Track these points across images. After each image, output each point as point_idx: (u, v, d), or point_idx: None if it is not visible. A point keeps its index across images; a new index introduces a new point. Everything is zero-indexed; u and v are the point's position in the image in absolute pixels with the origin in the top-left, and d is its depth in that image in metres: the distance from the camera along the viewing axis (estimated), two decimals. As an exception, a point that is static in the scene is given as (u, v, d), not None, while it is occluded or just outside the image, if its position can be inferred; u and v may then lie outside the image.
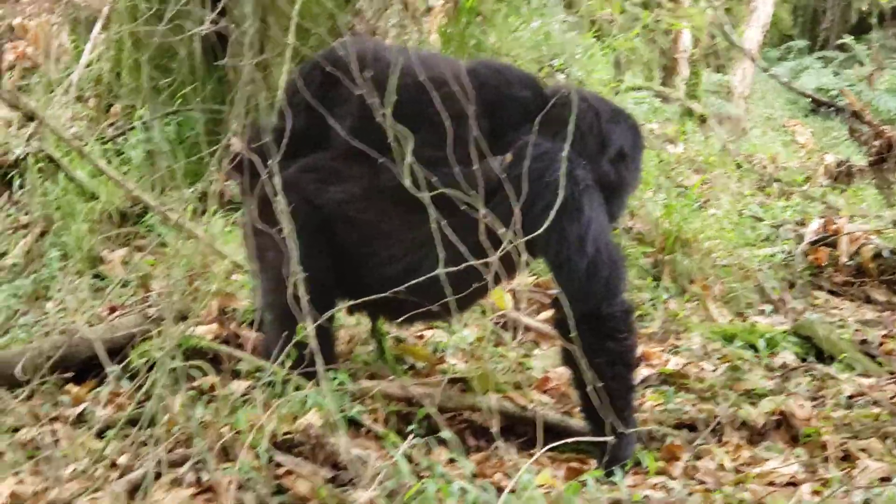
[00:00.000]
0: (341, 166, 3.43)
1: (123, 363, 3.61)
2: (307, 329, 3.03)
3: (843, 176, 8.51)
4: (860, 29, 16.85)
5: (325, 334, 3.54)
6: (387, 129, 3.04)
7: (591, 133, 3.46)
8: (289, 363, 3.12)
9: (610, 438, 3.11)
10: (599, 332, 3.30)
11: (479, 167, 3.08)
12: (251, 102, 4.37)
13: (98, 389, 3.57)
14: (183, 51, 5.12)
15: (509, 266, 3.22)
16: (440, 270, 2.93)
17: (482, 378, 3.58)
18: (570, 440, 3.06)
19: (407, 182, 3.08)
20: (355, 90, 3.13)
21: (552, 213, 3.06)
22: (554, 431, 3.47)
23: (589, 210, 3.31)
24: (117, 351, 3.73)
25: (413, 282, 3.08)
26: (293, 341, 3.07)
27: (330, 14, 5.83)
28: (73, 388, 3.63)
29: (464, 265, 2.99)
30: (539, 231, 3.05)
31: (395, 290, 3.11)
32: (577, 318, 3.24)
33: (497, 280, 3.41)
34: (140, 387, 3.26)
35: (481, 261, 2.98)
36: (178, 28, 4.61)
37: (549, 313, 4.66)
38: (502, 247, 3.01)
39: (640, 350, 4.39)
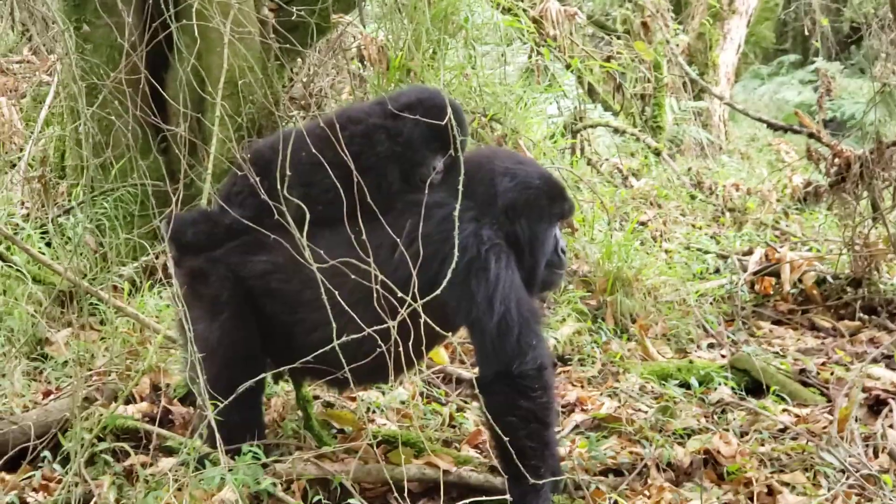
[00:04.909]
0: (265, 237, 3.48)
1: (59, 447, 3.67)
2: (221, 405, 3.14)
3: (811, 196, 8.56)
4: (856, 39, 16.90)
5: (253, 405, 3.63)
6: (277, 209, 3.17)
7: (482, 184, 3.47)
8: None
9: (507, 497, 3.15)
10: (513, 391, 3.32)
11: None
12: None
13: (32, 474, 3.63)
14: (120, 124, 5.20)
15: (443, 324, 3.29)
16: (339, 340, 3.04)
17: (397, 454, 3.61)
18: (474, 500, 3.10)
19: (307, 254, 3.19)
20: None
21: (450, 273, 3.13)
22: (479, 491, 3.52)
23: (496, 268, 3.33)
24: (51, 435, 3.79)
25: (328, 346, 3.12)
26: (210, 416, 3.14)
27: (266, 80, 5.94)
28: (6, 476, 3.68)
29: (364, 332, 3.08)
30: (436, 293, 3.11)
31: (315, 354, 3.18)
32: (492, 377, 3.33)
33: (431, 344, 3.51)
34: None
35: (383, 325, 3.08)
36: (116, 102, 4.74)
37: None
38: (404, 309, 3.12)
39: (575, 395, 4.47)
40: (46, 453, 3.64)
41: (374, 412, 4.16)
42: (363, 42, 5.69)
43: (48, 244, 5.17)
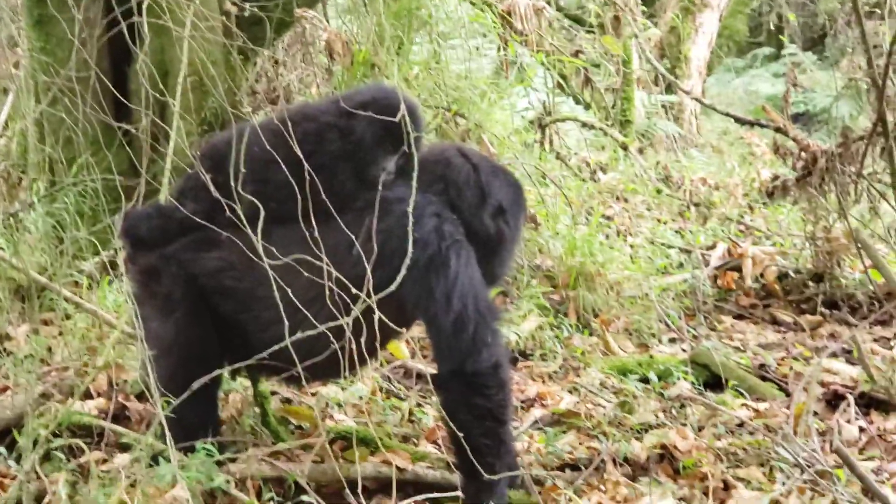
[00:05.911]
0: (218, 234, 3.46)
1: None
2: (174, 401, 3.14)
3: (778, 190, 8.59)
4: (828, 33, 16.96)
5: (208, 402, 3.62)
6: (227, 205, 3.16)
7: (469, 186, 3.50)
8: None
9: (458, 493, 3.15)
10: (468, 388, 3.31)
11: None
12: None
13: (-14, 472, 3.62)
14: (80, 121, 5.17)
15: (402, 320, 3.31)
16: (293, 337, 3.04)
17: (353, 451, 3.61)
18: (430, 496, 3.11)
19: (261, 252, 3.19)
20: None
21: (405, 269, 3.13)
22: (435, 487, 3.53)
23: (456, 265, 3.32)
24: (7, 432, 3.78)
25: (283, 342, 3.12)
26: (161, 414, 3.14)
27: (230, 74, 5.90)
28: (-40, 473, 3.67)
29: (317, 329, 3.08)
30: (391, 288, 3.11)
31: (270, 351, 3.17)
32: (447, 374, 3.33)
33: (387, 338, 3.51)
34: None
35: (334, 323, 3.08)
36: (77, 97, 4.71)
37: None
38: (358, 305, 3.12)
39: (535, 390, 4.48)
40: (1, 449, 3.63)
41: (331, 408, 4.15)
42: (329, 37, 5.68)
43: (10, 239, 5.13)
